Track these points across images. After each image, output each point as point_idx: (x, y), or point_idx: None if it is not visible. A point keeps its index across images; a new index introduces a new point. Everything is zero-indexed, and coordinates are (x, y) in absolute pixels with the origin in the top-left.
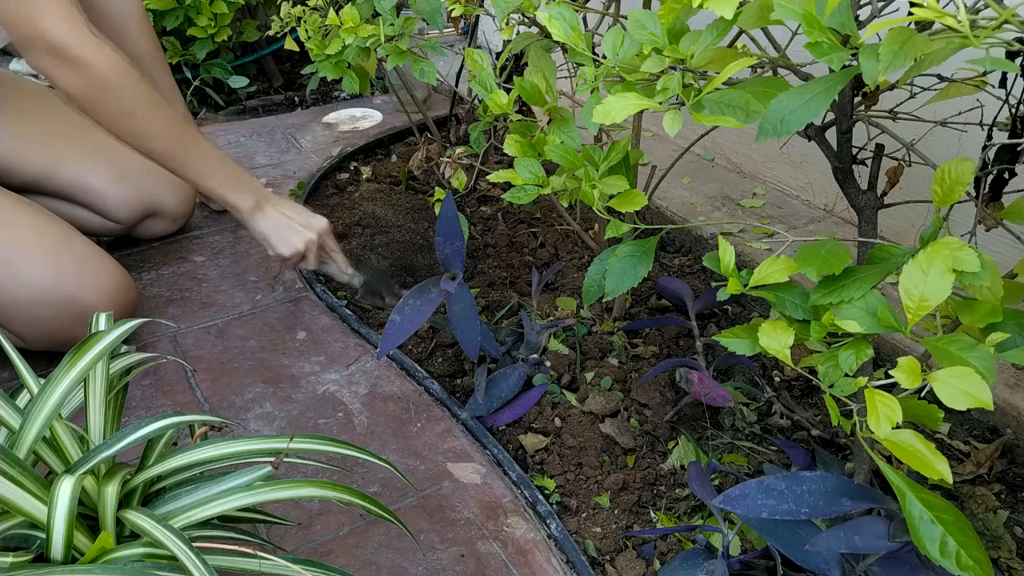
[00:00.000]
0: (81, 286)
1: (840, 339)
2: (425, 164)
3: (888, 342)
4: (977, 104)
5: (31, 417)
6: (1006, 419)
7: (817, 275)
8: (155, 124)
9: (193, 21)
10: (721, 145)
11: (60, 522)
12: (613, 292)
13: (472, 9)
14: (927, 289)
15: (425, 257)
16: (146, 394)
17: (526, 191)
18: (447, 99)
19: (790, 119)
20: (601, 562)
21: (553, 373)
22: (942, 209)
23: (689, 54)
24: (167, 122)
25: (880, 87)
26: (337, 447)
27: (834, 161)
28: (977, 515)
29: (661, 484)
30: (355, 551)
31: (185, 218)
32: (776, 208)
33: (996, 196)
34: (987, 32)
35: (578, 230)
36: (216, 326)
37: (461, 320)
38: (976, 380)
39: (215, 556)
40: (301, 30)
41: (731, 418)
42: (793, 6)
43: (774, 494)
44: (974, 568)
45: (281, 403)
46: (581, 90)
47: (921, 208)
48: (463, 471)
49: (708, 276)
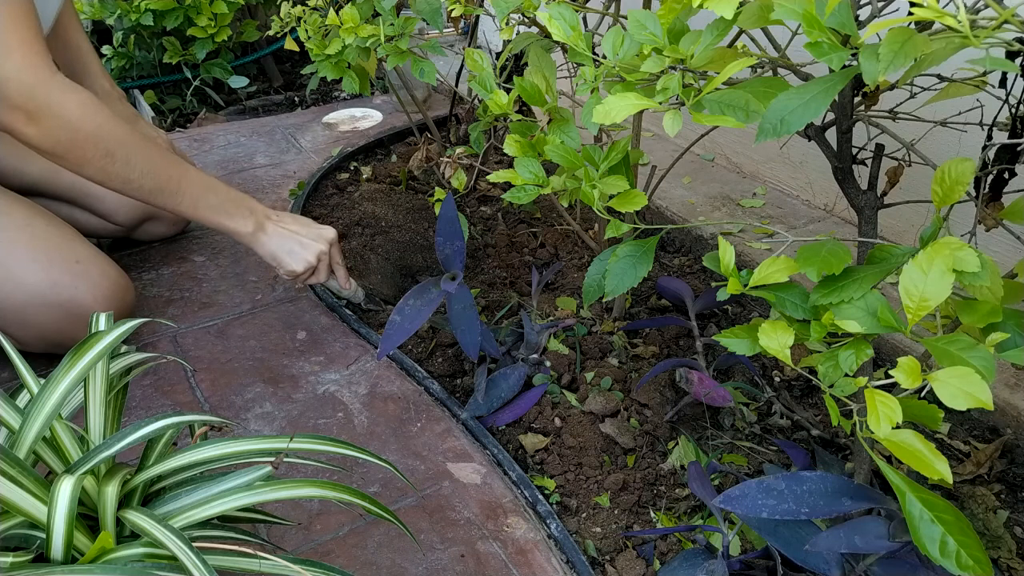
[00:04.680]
0: (78, 288)
1: (840, 339)
2: (425, 164)
3: (888, 342)
4: (977, 104)
5: (31, 417)
6: (1006, 419)
7: (817, 275)
8: (136, 162)
9: (193, 21)
10: (721, 145)
11: (60, 522)
12: (613, 292)
13: (472, 9)
14: (927, 289)
15: (425, 257)
16: (146, 394)
17: (526, 191)
18: (447, 99)
19: (790, 119)
20: (601, 562)
21: (553, 373)
22: (942, 209)
23: (689, 54)
24: (148, 158)
25: (880, 87)
26: (337, 447)
27: (834, 161)
28: (977, 515)
29: (661, 484)
30: (355, 551)
31: (185, 222)
32: (776, 208)
33: (996, 196)
34: (987, 32)
35: (578, 230)
36: (216, 326)
37: (461, 320)
38: (976, 380)
39: (215, 556)
40: (301, 30)
41: (731, 418)
42: (793, 6)
43: (774, 494)
44: (974, 568)
45: (281, 403)
46: (581, 90)
47: (921, 208)
48: (463, 471)
49: (708, 276)
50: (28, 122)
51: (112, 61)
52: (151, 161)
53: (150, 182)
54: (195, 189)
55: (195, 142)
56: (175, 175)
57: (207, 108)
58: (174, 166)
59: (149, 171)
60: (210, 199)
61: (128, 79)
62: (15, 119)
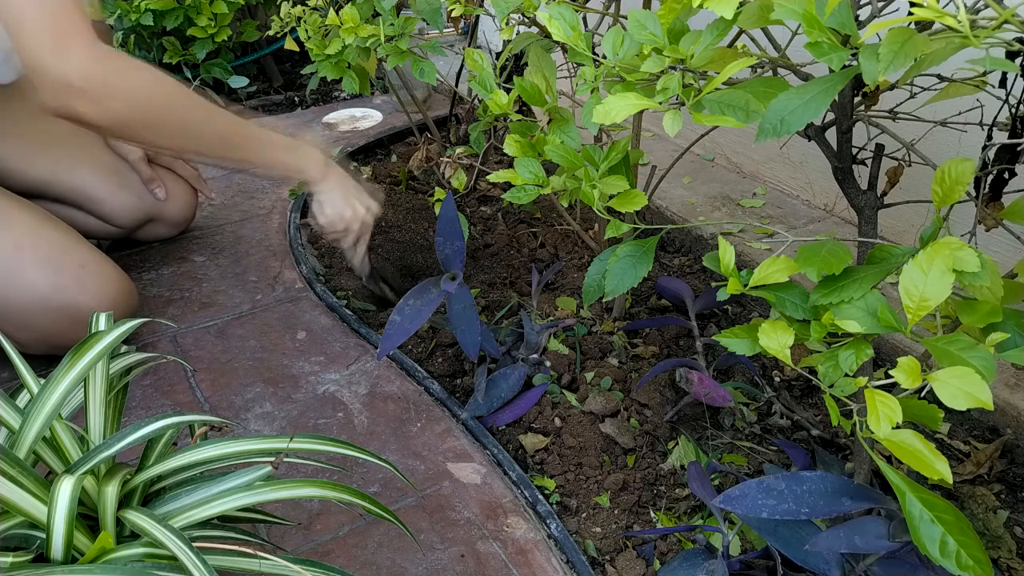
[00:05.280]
0: (82, 291)
1: (840, 339)
2: (425, 164)
3: (888, 342)
4: (977, 104)
5: (31, 417)
6: (1006, 419)
7: (817, 275)
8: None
9: (193, 21)
10: (721, 145)
11: (60, 522)
12: (613, 292)
13: (472, 9)
14: (927, 289)
15: (425, 257)
16: (146, 394)
17: (526, 191)
18: (447, 99)
19: (790, 119)
20: (601, 562)
21: (553, 373)
22: (942, 209)
23: (689, 54)
24: (214, 120)
25: (880, 87)
26: (337, 447)
27: (834, 161)
28: (977, 515)
29: (661, 484)
30: (355, 551)
31: (186, 223)
32: (776, 208)
33: (996, 196)
34: (987, 32)
35: (578, 230)
36: (216, 326)
37: (461, 320)
38: (976, 380)
39: (215, 556)
40: (301, 30)
41: (731, 418)
42: (793, 6)
43: (774, 494)
44: (974, 568)
45: (281, 403)
46: (581, 90)
47: (921, 208)
48: (463, 471)
49: (708, 276)
50: (93, 105)
51: None
52: (217, 124)
53: (218, 145)
54: (261, 143)
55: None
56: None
57: None
58: (237, 125)
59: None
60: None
61: None
62: (81, 104)
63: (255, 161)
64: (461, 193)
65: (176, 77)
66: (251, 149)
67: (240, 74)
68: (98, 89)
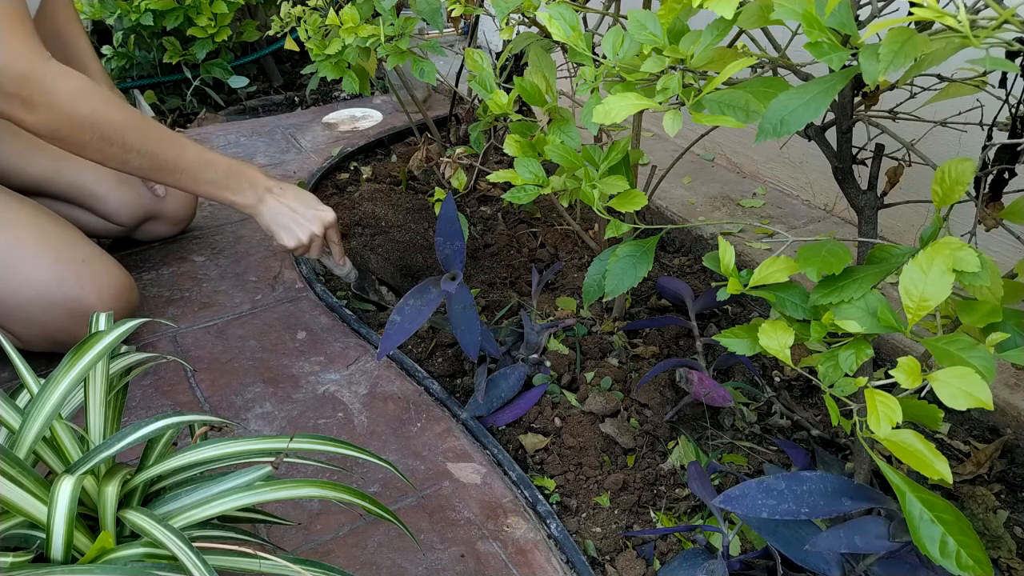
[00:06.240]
0: (82, 287)
1: (840, 339)
2: (425, 164)
3: (888, 342)
4: (977, 104)
5: (31, 417)
6: (1006, 419)
7: (817, 275)
8: (133, 143)
9: (193, 21)
10: (721, 145)
11: (60, 522)
12: (613, 292)
13: (472, 9)
14: (927, 289)
15: (425, 257)
16: (146, 394)
17: (526, 191)
18: (447, 99)
19: (790, 119)
20: (601, 562)
21: (553, 373)
22: (942, 209)
23: (689, 54)
24: (146, 138)
25: (880, 87)
26: (337, 447)
27: (834, 161)
28: (977, 515)
29: (661, 484)
30: (355, 551)
31: (186, 221)
32: (776, 208)
33: (996, 196)
34: (987, 32)
35: (578, 230)
36: (216, 326)
37: (461, 320)
38: (976, 380)
39: (215, 556)
40: (301, 30)
41: (731, 418)
42: (793, 6)
43: (774, 494)
44: (974, 568)
45: (281, 403)
46: (581, 90)
47: (921, 208)
48: (463, 471)
49: (708, 276)
50: (25, 109)
51: (112, 61)
52: (148, 141)
53: (148, 161)
54: (194, 166)
55: (195, 142)
56: (173, 153)
57: (207, 108)
58: (172, 144)
59: (147, 151)
60: (209, 174)
61: (128, 79)
62: (13, 107)
63: (183, 186)
64: (461, 193)
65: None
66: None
67: (240, 74)
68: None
